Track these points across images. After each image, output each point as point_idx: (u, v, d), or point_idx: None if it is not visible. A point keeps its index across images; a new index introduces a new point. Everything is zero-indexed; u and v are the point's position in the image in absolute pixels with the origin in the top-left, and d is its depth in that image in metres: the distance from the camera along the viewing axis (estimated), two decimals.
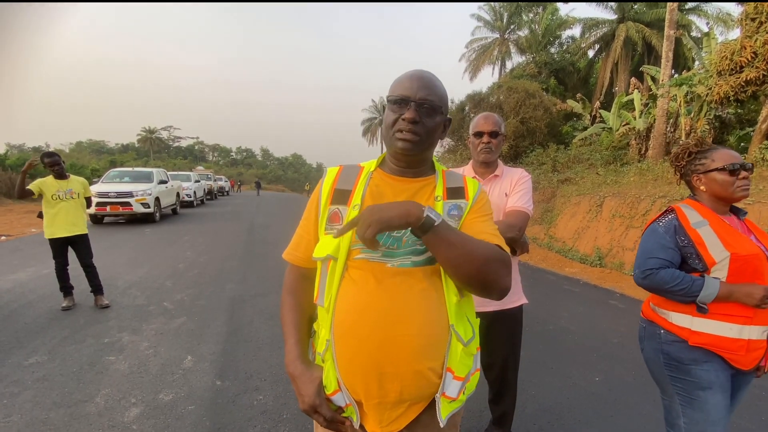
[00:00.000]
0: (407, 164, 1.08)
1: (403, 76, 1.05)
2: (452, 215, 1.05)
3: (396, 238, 0.99)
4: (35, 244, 8.07)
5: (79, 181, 4.57)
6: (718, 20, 17.89)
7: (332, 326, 0.99)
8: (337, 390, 1.00)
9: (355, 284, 0.98)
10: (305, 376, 1.01)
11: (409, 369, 0.95)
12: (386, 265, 0.98)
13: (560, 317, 4.50)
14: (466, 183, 1.13)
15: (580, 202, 9.01)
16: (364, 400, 0.99)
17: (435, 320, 0.98)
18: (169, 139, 78.59)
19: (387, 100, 1.05)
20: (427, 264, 0.99)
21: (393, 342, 0.94)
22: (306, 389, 1.00)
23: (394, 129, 1.02)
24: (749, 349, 1.41)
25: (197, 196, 19.40)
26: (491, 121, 1.96)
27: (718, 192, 1.50)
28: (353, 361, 0.97)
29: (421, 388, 0.98)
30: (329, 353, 1.00)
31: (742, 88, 7.80)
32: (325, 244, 1.02)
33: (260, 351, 3.45)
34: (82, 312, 4.35)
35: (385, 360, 0.94)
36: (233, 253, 7.84)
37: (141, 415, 2.53)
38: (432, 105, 1.01)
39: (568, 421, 2.54)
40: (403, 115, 1.00)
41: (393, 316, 0.94)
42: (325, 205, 1.07)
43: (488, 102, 17.42)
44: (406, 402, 0.98)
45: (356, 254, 1.00)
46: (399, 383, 0.95)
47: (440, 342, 0.98)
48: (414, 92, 1.00)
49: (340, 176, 1.11)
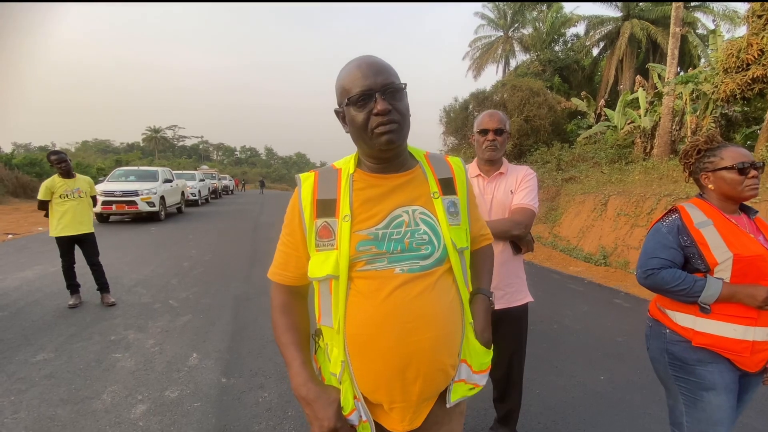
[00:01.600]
0: (390, 158, 1.01)
1: (350, 70, 0.95)
2: (451, 213, 1.03)
3: (398, 240, 0.96)
4: (42, 242, 8.14)
5: (85, 180, 4.61)
6: (725, 17, 17.72)
7: (345, 344, 0.96)
8: (354, 409, 0.97)
9: (365, 297, 0.95)
10: (322, 399, 0.95)
11: (430, 368, 0.95)
12: (394, 270, 0.94)
13: (565, 316, 4.48)
14: (453, 171, 1.08)
15: (585, 200, 8.97)
16: (387, 404, 0.98)
17: (450, 318, 0.99)
18: (173, 138, 79.00)
19: (348, 102, 0.94)
20: (436, 265, 0.98)
21: (416, 348, 0.93)
22: (325, 413, 0.94)
23: (369, 128, 0.94)
24: (754, 351, 1.40)
25: (202, 195, 19.49)
26: (496, 118, 1.95)
27: (727, 191, 1.48)
28: (378, 375, 0.95)
29: (440, 384, 1.00)
30: (346, 373, 0.96)
31: (749, 86, 7.73)
32: (321, 262, 0.97)
33: (265, 349, 3.47)
34: (88, 310, 4.38)
35: (410, 366, 0.94)
36: (238, 251, 7.87)
37: (147, 411, 2.55)
38: (395, 86, 0.94)
39: (573, 420, 2.53)
40: (374, 109, 0.92)
41: (412, 323, 0.93)
42: (310, 219, 0.99)
43: (492, 100, 17.35)
44: (428, 399, 0.99)
45: (360, 266, 0.95)
46: (421, 383, 0.95)
47: (457, 338, 1.01)
48: (373, 81, 0.92)
49: (318, 184, 1.02)
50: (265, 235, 10.19)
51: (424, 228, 0.98)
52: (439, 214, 1.00)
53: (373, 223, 0.97)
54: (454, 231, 1.01)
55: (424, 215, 1.00)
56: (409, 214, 0.99)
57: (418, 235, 0.97)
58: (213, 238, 9.38)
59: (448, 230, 0.99)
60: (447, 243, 0.98)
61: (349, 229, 0.96)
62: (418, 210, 1.00)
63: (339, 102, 0.99)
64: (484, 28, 26.26)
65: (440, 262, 0.97)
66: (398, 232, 0.96)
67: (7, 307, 4.39)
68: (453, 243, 0.99)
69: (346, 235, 0.95)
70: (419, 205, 1.01)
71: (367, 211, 0.98)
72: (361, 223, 0.97)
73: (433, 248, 0.97)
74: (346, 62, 0.99)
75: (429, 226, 0.99)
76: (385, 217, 0.98)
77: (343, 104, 0.97)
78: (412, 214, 0.99)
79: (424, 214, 1.00)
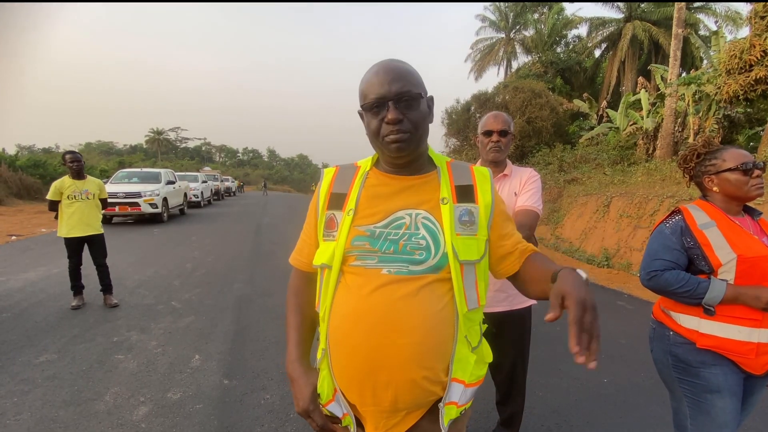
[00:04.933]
0: (402, 165, 1.02)
1: (369, 76, 0.96)
2: (463, 222, 0.97)
3: (393, 241, 0.95)
4: (45, 243, 8.17)
5: (95, 182, 4.62)
6: (727, 18, 17.71)
7: (327, 334, 0.99)
8: (332, 399, 0.99)
9: (350, 291, 0.96)
10: (302, 380, 1.02)
11: (402, 377, 0.91)
12: (381, 271, 0.93)
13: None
14: (475, 180, 1.04)
15: (587, 202, 8.95)
16: (360, 406, 0.98)
17: (432, 328, 0.92)
18: (176, 140, 79.10)
19: (363, 108, 0.97)
20: (429, 272, 0.93)
21: (385, 350, 0.91)
22: (301, 393, 1.00)
23: (381, 135, 0.95)
24: (759, 353, 1.39)
25: (204, 197, 19.53)
26: (500, 119, 1.95)
27: (732, 192, 1.48)
28: (347, 369, 0.96)
29: (417, 396, 0.94)
30: (325, 362, 1.00)
31: (752, 87, 7.72)
32: (322, 251, 1.01)
33: (267, 350, 3.47)
34: (91, 311, 4.39)
35: (378, 368, 0.92)
36: (240, 253, 7.88)
37: (149, 413, 2.55)
38: (410, 95, 0.93)
39: (576, 423, 2.52)
40: (385, 118, 0.92)
41: (386, 324, 0.91)
42: (322, 209, 1.05)
43: (494, 102, 17.34)
44: (403, 410, 0.96)
45: (352, 261, 0.96)
46: (393, 391, 0.92)
47: (439, 350, 0.93)
48: (387, 89, 0.92)
49: (336, 179, 1.07)
50: (268, 237, 10.20)
51: (424, 233, 0.96)
52: (444, 220, 0.96)
53: (374, 221, 0.98)
54: (462, 241, 0.95)
55: (427, 220, 0.97)
56: (412, 217, 0.97)
57: (415, 240, 0.95)
58: (216, 240, 9.39)
59: (452, 238, 0.94)
60: (448, 251, 0.93)
61: (350, 223, 0.98)
62: (422, 214, 0.98)
63: (360, 104, 1.01)
64: (485, 29, 26.34)
65: (435, 269, 0.93)
66: (396, 234, 0.96)
67: (10, 308, 4.40)
68: (455, 252, 0.93)
69: (346, 228, 0.98)
70: (424, 210, 0.98)
71: (370, 208, 1.00)
72: (363, 219, 0.99)
73: (428, 255, 0.94)
74: (370, 65, 1.00)
75: (430, 232, 0.96)
76: (386, 217, 0.98)
77: (361, 108, 1.00)
78: (414, 217, 0.97)
79: (427, 219, 0.97)
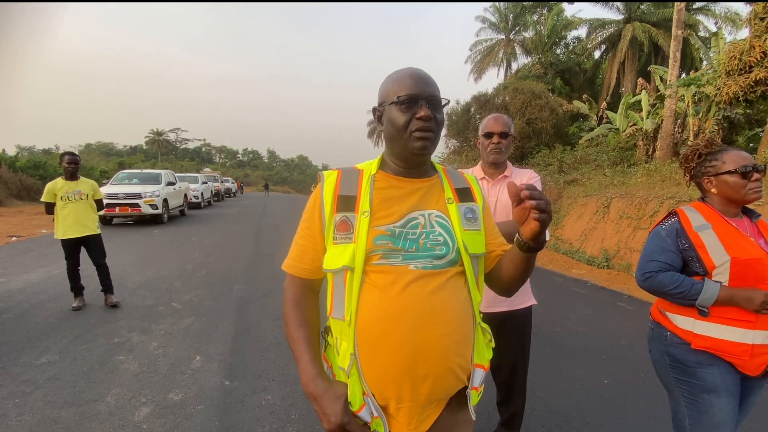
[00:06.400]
0: (417, 164, 1.07)
1: (402, 76, 1.02)
2: (468, 218, 1.06)
3: (413, 240, 0.99)
4: (46, 244, 8.17)
5: (88, 183, 4.63)
6: (727, 20, 17.71)
7: (356, 337, 0.97)
8: (363, 405, 0.97)
9: (380, 290, 0.96)
10: (329, 395, 0.96)
11: (441, 367, 0.96)
12: (409, 267, 0.97)
13: (568, 319, 4.47)
14: (470, 182, 1.14)
15: (587, 203, 8.96)
16: (395, 404, 0.97)
17: (461, 318, 1.00)
18: (176, 141, 79.23)
19: (397, 101, 1.00)
20: (449, 266, 1.00)
21: (428, 344, 0.95)
22: (332, 408, 0.95)
23: (409, 130, 0.99)
24: (754, 354, 1.40)
25: (204, 198, 19.53)
26: (501, 121, 1.96)
27: (730, 195, 1.49)
28: (389, 367, 0.95)
29: (450, 385, 1.00)
30: (354, 367, 0.97)
31: (752, 88, 7.72)
32: (337, 254, 0.99)
33: (268, 351, 3.47)
34: (92, 312, 4.40)
35: (420, 361, 0.94)
36: (241, 254, 7.89)
37: (151, 414, 2.56)
38: (438, 99, 1.02)
39: (576, 424, 2.53)
40: (417, 114, 0.98)
41: (426, 317, 0.95)
42: (330, 213, 1.03)
43: (494, 103, 17.37)
44: (434, 402, 0.99)
45: (376, 259, 0.97)
46: (430, 383, 0.96)
47: (468, 339, 1.02)
48: (421, 90, 1.00)
49: (341, 181, 1.06)
50: (269, 238, 10.21)
51: (440, 230, 1.02)
52: (453, 218, 1.04)
53: (391, 221, 1.01)
54: (470, 236, 1.04)
55: (440, 218, 1.03)
56: (425, 217, 1.03)
57: (433, 237, 1.00)
58: (216, 241, 9.39)
59: (462, 234, 1.02)
60: (460, 246, 1.01)
61: (368, 223, 0.99)
62: (434, 213, 1.04)
63: (381, 101, 1.05)
64: (485, 31, 26.34)
65: (453, 263, 1.00)
66: (414, 233, 1.00)
67: (11, 309, 4.41)
68: (465, 246, 1.01)
69: (365, 229, 0.98)
70: (435, 209, 1.05)
71: (385, 209, 1.02)
72: (380, 219, 1.01)
73: (447, 249, 1.00)
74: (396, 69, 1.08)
75: (444, 228, 1.02)
76: (402, 217, 1.01)
77: (387, 103, 1.02)
78: (428, 217, 1.03)
79: (439, 217, 1.03)
